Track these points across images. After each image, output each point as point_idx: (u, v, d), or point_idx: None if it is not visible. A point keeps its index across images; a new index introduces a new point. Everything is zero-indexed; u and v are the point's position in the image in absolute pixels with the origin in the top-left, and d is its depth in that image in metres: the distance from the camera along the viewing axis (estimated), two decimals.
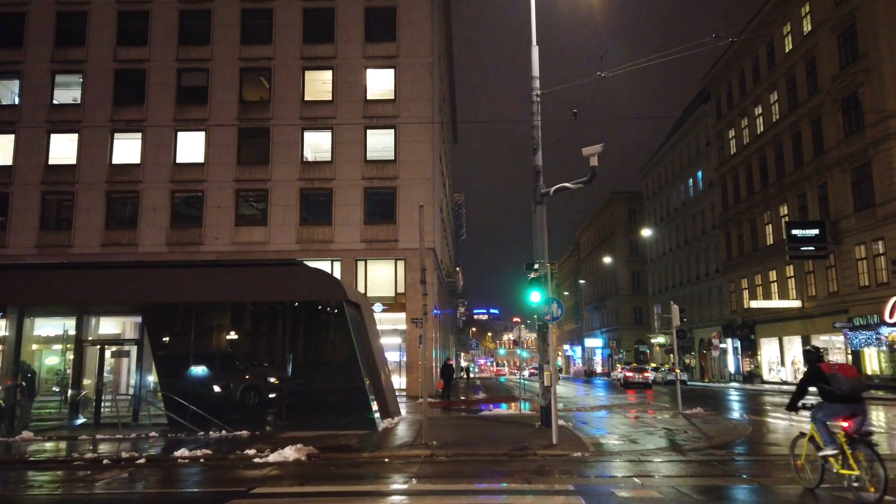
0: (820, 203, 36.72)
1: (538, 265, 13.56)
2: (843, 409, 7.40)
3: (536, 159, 15.15)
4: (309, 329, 15.05)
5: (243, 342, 15.21)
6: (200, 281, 14.38)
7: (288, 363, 14.57)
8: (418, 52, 32.39)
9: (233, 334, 15.28)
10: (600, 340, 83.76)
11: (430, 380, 30.68)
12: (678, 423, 16.27)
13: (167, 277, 14.68)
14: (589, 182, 13.91)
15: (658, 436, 13.61)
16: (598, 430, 14.81)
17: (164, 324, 15.10)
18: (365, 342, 15.05)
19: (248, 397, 15.17)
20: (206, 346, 15.06)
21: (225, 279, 14.39)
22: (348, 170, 31.84)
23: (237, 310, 14.93)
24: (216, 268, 15.11)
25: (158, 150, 32.09)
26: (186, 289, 14.28)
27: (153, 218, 31.40)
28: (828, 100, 35.42)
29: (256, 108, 32.51)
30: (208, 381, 14.96)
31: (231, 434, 13.43)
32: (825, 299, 36.24)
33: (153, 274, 14.90)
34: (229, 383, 15.24)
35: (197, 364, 14.67)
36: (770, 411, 20.49)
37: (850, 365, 8.04)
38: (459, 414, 20.50)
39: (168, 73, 32.58)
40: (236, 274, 14.54)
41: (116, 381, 17.73)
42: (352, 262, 31.55)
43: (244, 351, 15.47)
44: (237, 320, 15.20)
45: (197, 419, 14.01)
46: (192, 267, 15.85)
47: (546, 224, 14.82)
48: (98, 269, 15.63)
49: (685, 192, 58.85)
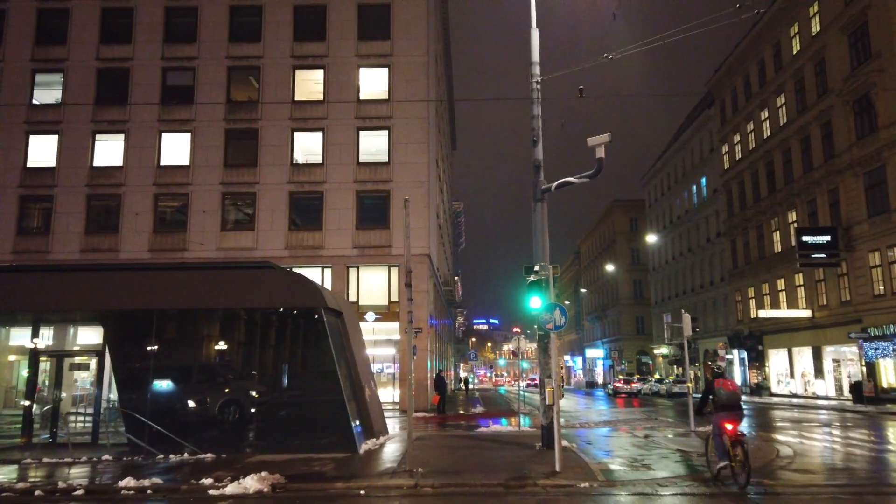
0: (831, 209, 35.34)
1: (538, 268, 12.16)
2: (725, 415, 9.71)
3: (536, 152, 13.78)
4: (284, 339, 13.63)
5: (210, 353, 13.76)
6: (165, 286, 12.97)
7: (260, 377, 13.11)
8: (413, 51, 31.11)
9: (202, 344, 13.83)
10: (601, 351, 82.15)
11: (425, 393, 29.17)
12: (692, 443, 14.80)
13: (129, 282, 13.26)
14: (595, 176, 12.53)
15: (674, 460, 12.14)
16: (606, 452, 13.35)
17: (126, 333, 13.67)
18: (348, 353, 13.61)
19: (226, 414, 13.73)
20: (171, 357, 13.62)
21: (192, 284, 12.97)
22: (340, 172, 30.48)
23: (206, 317, 13.50)
24: (183, 271, 13.70)
25: (142, 151, 30.74)
26: (149, 294, 12.87)
27: (135, 223, 30.00)
28: (838, 101, 34.13)
29: (244, 108, 31.19)
30: (174, 397, 13.50)
31: (194, 458, 11.96)
32: (837, 309, 34.78)
33: (114, 278, 13.47)
34: (203, 398, 13.82)
35: (161, 378, 13.22)
36: (788, 428, 19.00)
37: (732, 381, 10.23)
38: (454, 431, 19.02)
39: (153, 71, 31.29)
40: (205, 278, 13.12)
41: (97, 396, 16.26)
42: (343, 268, 30.14)
43: (217, 363, 14.03)
44: (206, 329, 13.76)
45: (160, 440, 12.55)
46: (155, 270, 14.43)
47: (547, 224, 13.42)
48: (54, 273, 14.22)
49: (688, 199, 57.51)
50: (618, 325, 74.93)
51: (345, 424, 12.13)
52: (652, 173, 67.74)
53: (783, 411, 28.40)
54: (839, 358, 35.74)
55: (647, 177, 69.34)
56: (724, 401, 9.73)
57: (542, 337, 12.43)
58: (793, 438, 16.01)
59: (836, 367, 36.00)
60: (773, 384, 42.20)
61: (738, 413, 9.76)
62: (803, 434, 17.18)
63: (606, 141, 12.21)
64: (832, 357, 36.26)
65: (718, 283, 50.59)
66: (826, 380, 36.26)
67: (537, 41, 13.89)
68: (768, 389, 41.88)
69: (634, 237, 74.19)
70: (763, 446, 14.00)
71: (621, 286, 74.00)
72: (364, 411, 13.52)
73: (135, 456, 12.24)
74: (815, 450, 13.93)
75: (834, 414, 25.93)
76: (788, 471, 11.03)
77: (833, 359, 36.22)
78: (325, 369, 12.63)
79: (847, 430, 18.27)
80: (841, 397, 34.62)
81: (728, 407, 9.70)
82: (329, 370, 12.43)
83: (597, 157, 12.34)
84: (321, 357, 12.77)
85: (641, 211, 72.42)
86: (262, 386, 13.63)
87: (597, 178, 12.56)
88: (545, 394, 11.26)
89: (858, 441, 15.24)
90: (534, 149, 13.80)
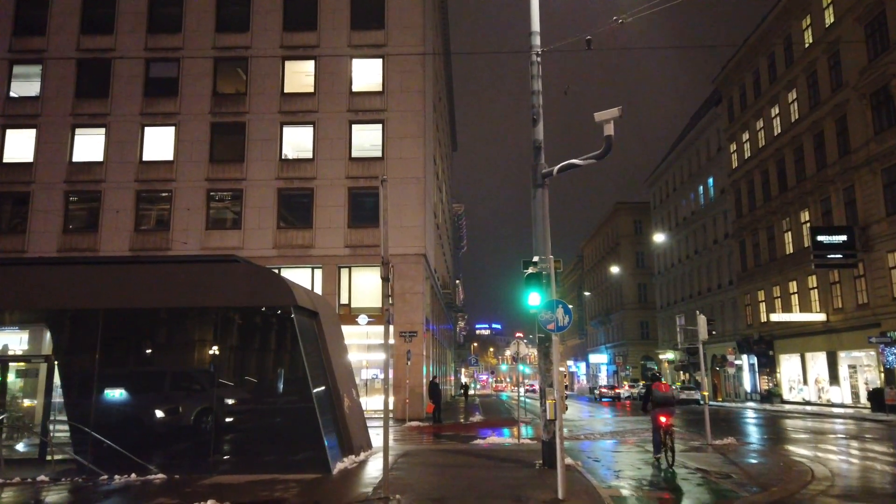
0: (846, 207, 33.75)
1: (538, 259, 10.62)
2: (660, 410, 12.21)
3: (536, 132, 12.25)
4: (251, 342, 12.10)
5: (168, 358, 12.19)
6: (117, 282, 11.47)
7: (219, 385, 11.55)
8: (409, 41, 29.64)
9: (157, 348, 12.27)
10: (605, 356, 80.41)
11: (420, 401, 27.59)
12: (712, 459, 13.21)
13: (76, 278, 11.75)
14: (603, 156, 10.99)
15: (694, 482, 10.56)
16: (615, 472, 11.77)
17: (74, 335, 12.15)
18: (324, 359, 12.07)
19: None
20: (123, 362, 12.09)
21: (148, 280, 11.46)
22: (331, 168, 29.00)
23: (162, 318, 11.96)
24: (137, 266, 12.16)
25: (123, 146, 29.29)
26: (98, 292, 11.36)
27: (116, 221, 28.52)
28: (854, 95, 32.57)
29: (231, 101, 29.74)
30: (130, 408, 11.95)
31: (142, 479, 10.42)
32: (853, 312, 33.14)
33: (61, 274, 11.97)
34: (174, 408, 12.29)
35: (111, 386, 11.68)
36: (811, 441, 17.38)
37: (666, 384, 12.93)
38: (447, 444, 17.46)
39: (135, 63, 29.86)
40: (162, 274, 11.60)
41: (45, 406, 14.73)
42: (334, 269, 28.63)
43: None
44: (163, 331, 12.23)
45: (110, 457, 11.01)
46: (106, 265, 12.91)
47: (548, 212, 11.88)
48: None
49: (695, 200, 55.90)
50: (622, 330, 73.24)
51: (316, 440, 10.57)
52: (657, 174, 66.17)
53: (798, 420, 26.74)
54: (855, 364, 34.09)
55: (652, 178, 67.76)
56: (659, 400, 12.42)
57: (543, 340, 10.88)
58: (820, 453, 14.41)
59: (853, 373, 34.32)
60: (785, 391, 40.51)
61: (671, 409, 12.46)
62: (830, 448, 15.57)
63: (616, 116, 10.69)
64: (848, 363, 34.59)
65: (726, 287, 48.94)
66: (842, 387, 34.58)
67: (537, 9, 12.38)
68: (780, 396, 40.18)
69: (639, 240, 72.58)
70: (791, 465, 12.39)
71: (625, 290, 72.36)
72: (342, 424, 11.97)
73: (77, 477, 10.71)
74: (854, 469, 12.32)
75: (855, 423, 24.28)
76: (831, 498, 9.42)
77: (849, 365, 34.55)
78: (295, 377, 11.12)
79: (879, 442, 16.65)
80: (858, 405, 32.95)
81: (662, 404, 12.37)
82: (299, 378, 10.90)
83: (605, 135, 10.82)
84: (290, 363, 11.26)
85: (646, 213, 70.83)
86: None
87: (604, 159, 11.03)
88: (546, 406, 9.68)
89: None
90: (533, 128, 12.27)
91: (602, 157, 11.02)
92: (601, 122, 10.81)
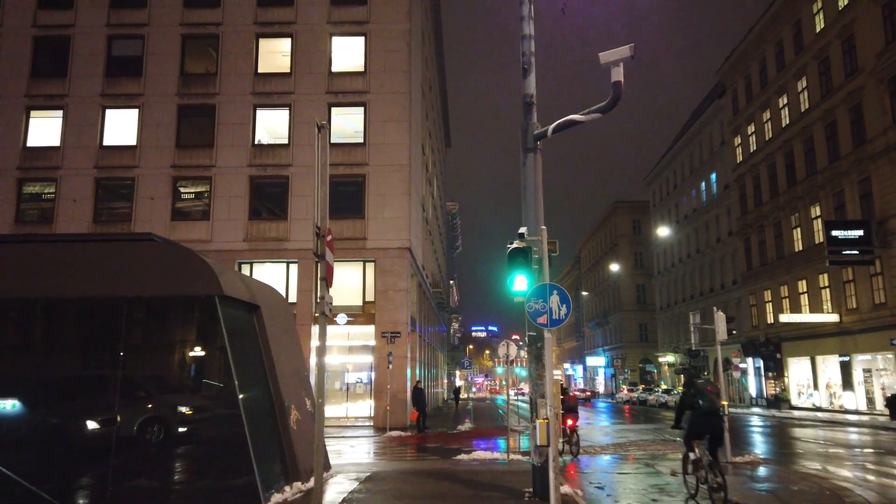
0: (861, 201, 31.61)
1: (525, 230, 8.37)
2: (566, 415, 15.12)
3: (527, 84, 9.99)
4: (166, 339, 9.83)
5: (71, 360, 9.84)
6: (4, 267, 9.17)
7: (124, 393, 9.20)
8: (393, 17, 27.41)
9: (57, 348, 9.91)
10: (603, 359, 78.20)
11: (403, 408, 25.30)
12: (736, 482, 10.98)
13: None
14: (610, 108, 8.75)
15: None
16: (622, 501, 9.51)
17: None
18: (266, 363, 9.80)
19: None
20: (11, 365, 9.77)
21: (40, 264, 9.17)
22: (309, 154, 26.64)
23: (59, 310, 9.65)
24: (28, 245, 9.80)
25: (82, 130, 26.96)
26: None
27: (73, 210, 26.18)
28: (871, 80, 30.45)
29: (200, 81, 27.44)
30: (25, 422, 9.64)
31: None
32: (869, 312, 30.97)
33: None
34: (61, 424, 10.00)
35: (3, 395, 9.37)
36: (845, 457, 15.15)
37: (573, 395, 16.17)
38: (426, 461, 15.18)
39: (96, 40, 27.55)
40: (58, 256, 9.28)
41: None
42: (311, 264, 26.25)
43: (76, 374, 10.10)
44: (62, 327, 9.90)
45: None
46: None
47: (541, 181, 9.62)
48: None
49: (697, 196, 53.74)
50: (620, 332, 71.05)
51: (244, 463, 8.28)
52: (657, 171, 64.03)
53: (815, 429, 24.50)
54: (870, 367, 31.89)
55: (652, 175, 65.63)
56: (566, 406, 15.10)
57: (534, 339, 8.59)
58: (859, 472, 12.19)
59: (867, 377, 32.13)
60: (794, 396, 38.32)
61: (575, 414, 15.55)
62: (869, 466, 13.34)
63: (627, 56, 8.46)
64: (863, 366, 32.40)
65: (730, 287, 46.75)
66: (856, 392, 32.38)
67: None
68: (788, 402, 37.96)
69: (638, 240, 70.47)
70: (840, 494, 10.13)
71: (624, 291, 70.18)
72: (287, 442, 9.67)
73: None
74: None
75: (879, 433, 22.06)
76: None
77: (863, 368, 32.35)
78: (220, 385, 8.87)
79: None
80: (873, 411, 30.77)
81: (569, 410, 15.32)
82: (224, 386, 8.64)
83: (612, 81, 8.61)
84: (217, 366, 9.02)
85: (645, 212, 68.69)
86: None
87: (612, 111, 8.78)
88: (536, 425, 7.36)
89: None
90: (524, 80, 10.02)
91: (609, 110, 8.78)
92: (608, 65, 8.60)
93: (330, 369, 28.94)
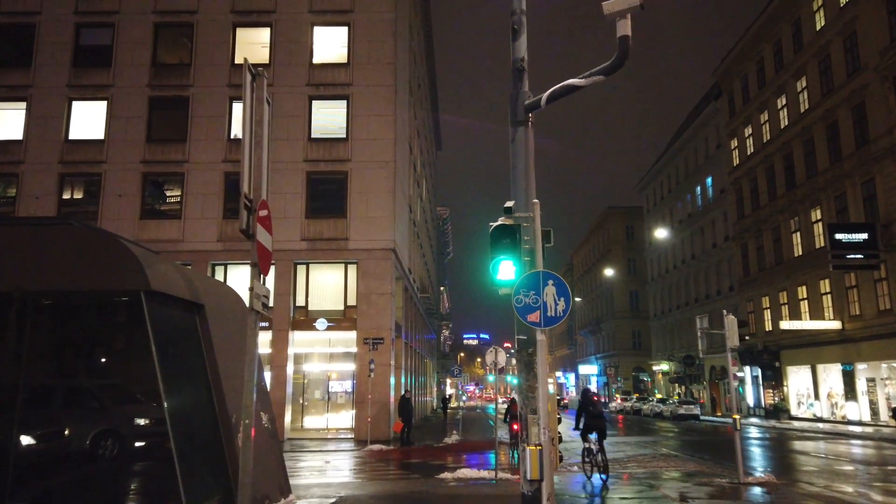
0: (865, 203, 30.45)
1: (512, 204, 6.96)
2: (514, 422, 16.26)
3: (517, 48, 8.59)
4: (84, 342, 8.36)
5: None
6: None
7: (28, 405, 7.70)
8: (378, 6, 26.06)
9: None
10: (595, 367, 76.83)
11: (386, 419, 23.78)
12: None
13: None
14: (615, 68, 7.37)
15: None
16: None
17: None
18: (209, 372, 8.31)
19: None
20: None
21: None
22: (287, 150, 25.28)
23: None
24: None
25: (47, 122, 25.41)
26: None
27: (35, 208, 24.57)
28: (875, 78, 29.34)
29: (174, 72, 25.97)
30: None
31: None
32: (874, 319, 29.74)
33: None
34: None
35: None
36: (868, 476, 13.78)
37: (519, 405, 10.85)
38: (405, 480, 13.69)
39: (64, 28, 26.03)
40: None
41: None
42: (290, 265, 24.85)
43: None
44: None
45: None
46: None
47: (532, 158, 8.21)
48: None
49: (692, 201, 52.59)
50: (613, 340, 69.72)
51: (172, 492, 6.80)
52: (651, 176, 62.92)
53: (821, 441, 23.15)
54: (874, 376, 30.62)
55: (646, 180, 64.52)
56: (514, 414, 16.69)
57: (524, 343, 7.14)
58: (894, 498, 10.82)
59: (871, 387, 30.86)
60: (793, 406, 37.02)
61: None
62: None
63: (635, 4, 7.09)
64: (866, 375, 31.12)
65: (727, 293, 45.51)
66: (860, 402, 31.10)
67: None
68: (787, 412, 36.66)
69: (631, 246, 69.31)
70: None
71: (617, 298, 68.91)
72: (233, 465, 8.18)
73: None
74: None
75: (885, 446, 20.73)
76: None
77: (867, 378, 31.08)
78: (149, 392, 7.42)
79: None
80: (878, 422, 29.49)
81: (515, 418, 16.28)
82: (151, 397, 7.18)
83: (619, 37, 7.22)
84: (144, 373, 7.56)
85: (638, 218, 67.54)
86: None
87: (617, 71, 7.39)
88: (527, 453, 5.85)
89: None
90: (513, 43, 8.61)
91: (614, 70, 7.39)
92: (612, 18, 7.23)
93: (311, 377, 27.43)
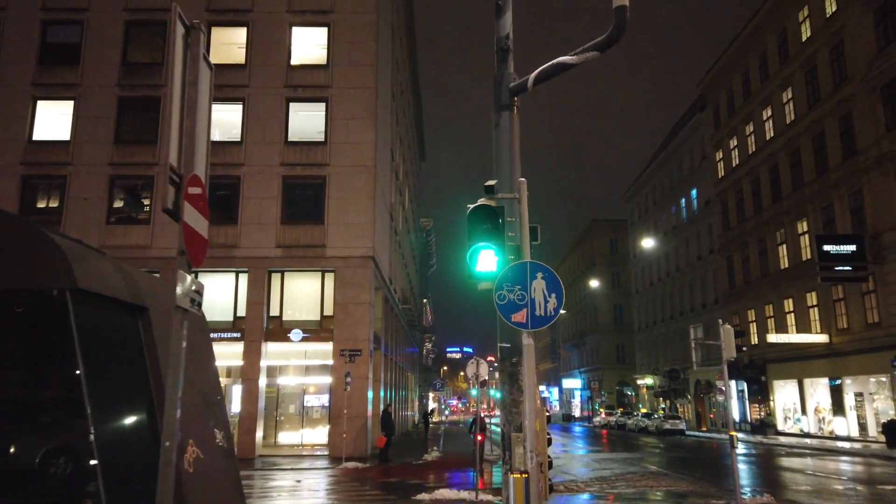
0: (853, 215, 30.07)
1: (494, 183, 6.11)
2: (478, 433, 15.85)
3: (502, 25, 7.79)
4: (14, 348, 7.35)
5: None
6: None
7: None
8: (359, 7, 25.30)
9: None
10: (579, 381, 76.04)
11: (363, 435, 22.70)
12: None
13: None
14: (611, 43, 6.57)
15: None
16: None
17: None
18: (153, 383, 7.33)
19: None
20: None
21: None
22: (263, 153, 24.31)
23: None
24: None
25: (10, 122, 24.22)
26: None
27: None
28: (862, 88, 29.08)
29: (145, 71, 24.94)
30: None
31: None
32: (861, 332, 29.27)
33: None
34: None
35: None
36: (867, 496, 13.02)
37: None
38: (383, 499, 12.69)
39: (30, 25, 24.93)
40: None
41: None
42: (263, 273, 23.78)
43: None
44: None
45: None
46: None
47: (518, 143, 7.38)
48: None
49: (676, 213, 52.25)
50: (597, 354, 69.04)
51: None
52: (635, 188, 62.64)
53: (810, 458, 22.46)
54: (862, 391, 30.10)
55: (630, 193, 64.23)
56: (482, 426, 17.02)
57: (507, 352, 6.25)
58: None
59: (860, 402, 30.32)
60: (780, 421, 36.44)
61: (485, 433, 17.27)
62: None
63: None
64: (854, 390, 30.59)
65: (712, 306, 45.00)
66: (848, 417, 30.53)
67: None
68: (774, 427, 36.07)
69: (615, 259, 68.90)
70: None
71: (601, 311, 68.33)
72: (177, 490, 7.18)
73: None
74: None
75: (877, 463, 20.06)
76: None
77: (855, 392, 30.55)
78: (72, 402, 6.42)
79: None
80: (866, 438, 28.93)
81: (482, 430, 16.66)
82: (75, 409, 6.19)
83: (615, 7, 6.44)
84: (68, 381, 6.57)
85: (623, 231, 67.18)
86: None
87: (613, 46, 6.60)
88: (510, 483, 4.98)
89: None
90: (497, 21, 7.81)
91: (610, 45, 6.59)
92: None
93: (285, 391, 26.32)
